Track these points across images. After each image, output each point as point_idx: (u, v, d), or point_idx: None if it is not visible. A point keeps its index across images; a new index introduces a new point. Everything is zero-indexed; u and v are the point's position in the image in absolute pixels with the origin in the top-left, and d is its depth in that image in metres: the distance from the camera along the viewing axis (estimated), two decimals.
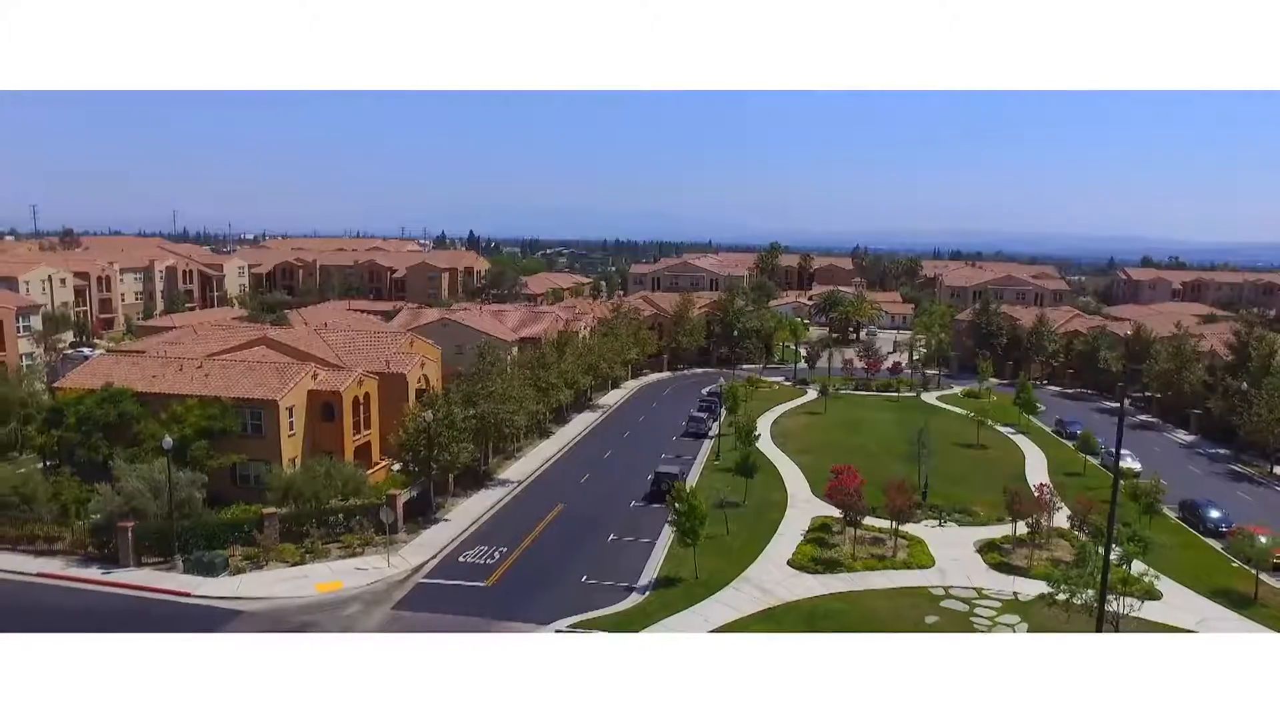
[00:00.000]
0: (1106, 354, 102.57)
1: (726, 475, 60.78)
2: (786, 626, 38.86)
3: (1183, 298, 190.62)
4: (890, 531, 50.24)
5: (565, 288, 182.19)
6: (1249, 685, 10.90)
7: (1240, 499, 62.63)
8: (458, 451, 53.63)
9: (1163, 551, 50.10)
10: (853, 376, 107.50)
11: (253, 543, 45.70)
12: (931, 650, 12.15)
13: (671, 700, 10.97)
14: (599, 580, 44.24)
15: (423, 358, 69.77)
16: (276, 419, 54.07)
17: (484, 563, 46.49)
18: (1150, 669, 11.33)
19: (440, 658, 11.80)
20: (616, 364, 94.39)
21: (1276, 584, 45.70)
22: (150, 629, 37.23)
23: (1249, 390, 72.54)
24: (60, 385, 58.32)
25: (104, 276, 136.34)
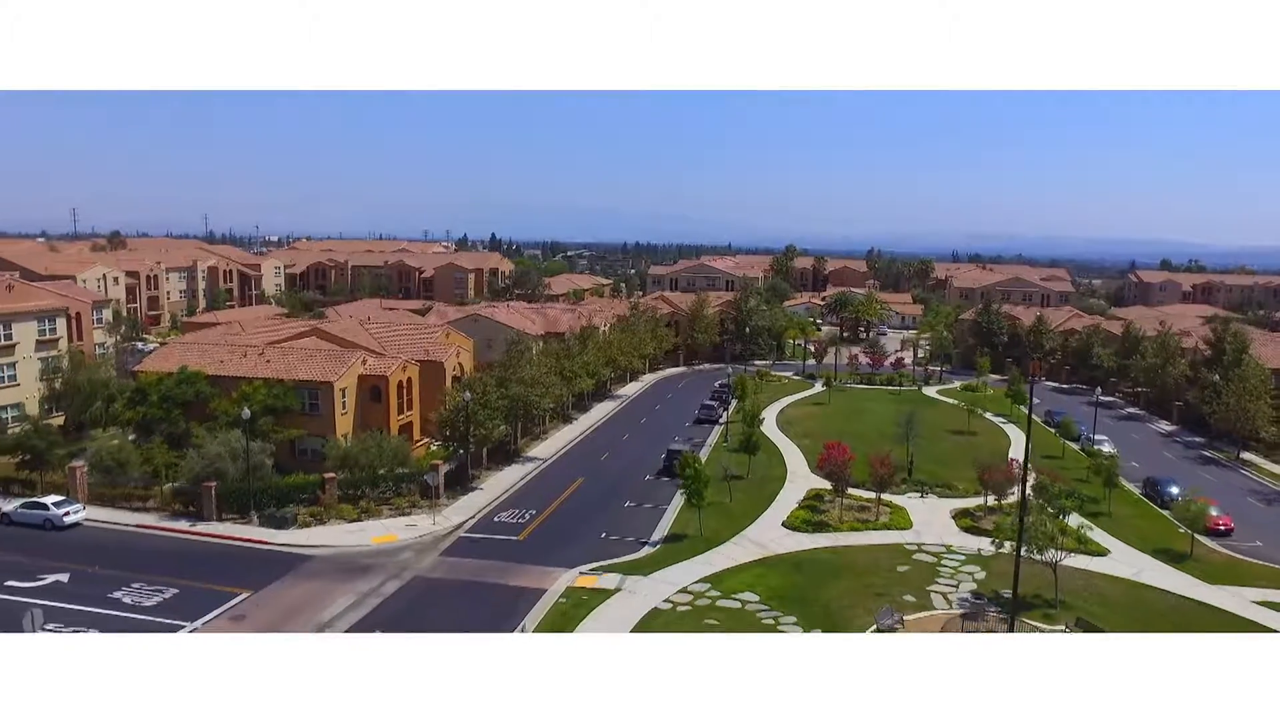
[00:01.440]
0: (1099, 351, 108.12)
1: (733, 454, 67.21)
2: (777, 570, 45.44)
3: (1193, 300, 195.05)
4: (875, 500, 56.65)
5: (586, 288, 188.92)
6: (1249, 685, 10.86)
7: (1203, 479, 68.38)
8: (491, 428, 60.54)
9: (1121, 520, 56.53)
10: (857, 371, 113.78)
11: (316, 503, 52.70)
12: (931, 650, 12.03)
13: (671, 700, 10.93)
14: (616, 536, 50.90)
15: (458, 348, 76.81)
16: (331, 399, 61.15)
17: (516, 521, 53.31)
18: (1150, 669, 11.32)
19: (440, 658, 11.72)
20: (634, 357, 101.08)
21: (1211, 544, 51.76)
22: (237, 571, 44.36)
23: (1219, 382, 78.25)
24: (140, 369, 65.67)
25: (152, 275, 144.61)
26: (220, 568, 44.64)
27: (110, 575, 42.65)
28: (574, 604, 40.77)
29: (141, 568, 43.98)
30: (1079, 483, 62.05)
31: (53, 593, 40.40)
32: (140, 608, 39.65)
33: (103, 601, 39.70)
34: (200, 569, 44.29)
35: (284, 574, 44.06)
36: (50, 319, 73.74)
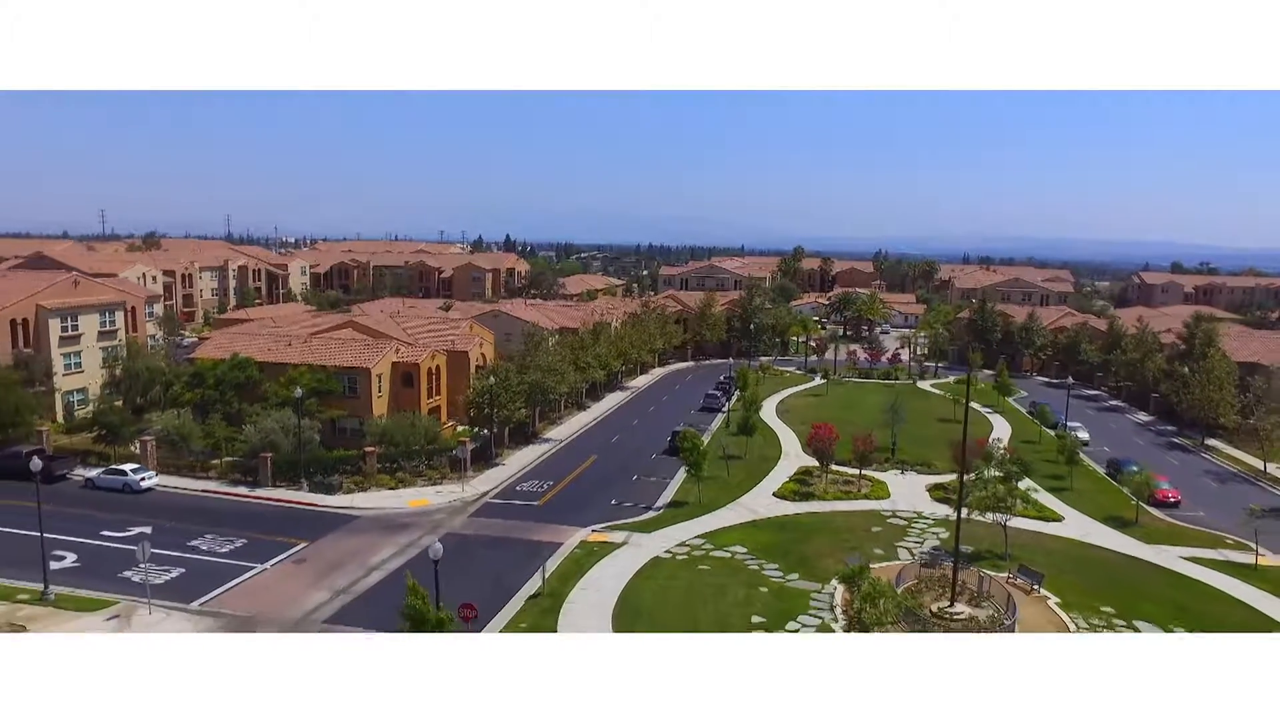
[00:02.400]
0: (1086, 347, 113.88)
1: (732, 437, 73.49)
2: (764, 530, 51.85)
3: (1195, 301, 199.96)
4: (857, 475, 62.92)
5: (600, 288, 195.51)
6: (1249, 685, 10.82)
7: (1167, 461, 74.28)
8: (513, 410, 67.14)
9: (1082, 493, 62.66)
10: (856, 366, 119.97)
11: (358, 473, 59.35)
12: (931, 650, 12.00)
13: (670, 700, 10.92)
14: (624, 503, 57.35)
15: (481, 340, 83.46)
16: (369, 383, 67.82)
17: (535, 490, 59.86)
18: (1150, 669, 11.25)
19: (439, 658, 11.72)
20: (644, 351, 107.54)
21: (1157, 514, 57.79)
22: (294, 526, 51.04)
23: (1188, 374, 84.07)
24: (194, 356, 72.59)
25: (187, 274, 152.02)
26: (279, 524, 51.38)
27: (186, 528, 49.37)
28: (587, 554, 47.27)
29: (212, 523, 50.73)
30: (1047, 463, 68.19)
31: (145, 539, 47.07)
32: (216, 553, 46.38)
33: (184, 548, 46.42)
34: (262, 525, 51.05)
35: (334, 529, 50.75)
36: (110, 312, 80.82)
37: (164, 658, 11.59)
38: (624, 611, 39.91)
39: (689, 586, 43.06)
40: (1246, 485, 67.82)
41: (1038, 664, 11.52)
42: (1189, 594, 44.23)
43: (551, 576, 43.56)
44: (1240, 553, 50.14)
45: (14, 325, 72.14)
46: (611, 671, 11.38)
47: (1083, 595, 43.17)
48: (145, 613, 38.60)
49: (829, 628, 38.29)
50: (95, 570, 43.50)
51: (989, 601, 40.45)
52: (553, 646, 12.60)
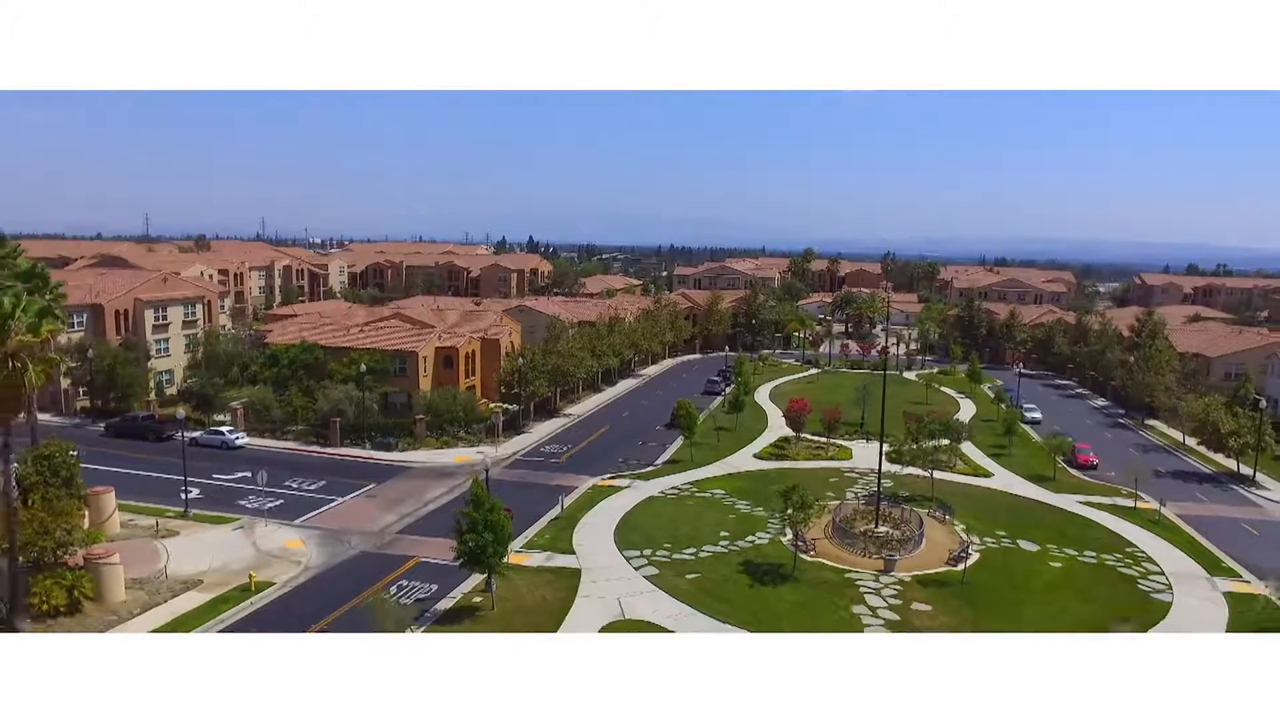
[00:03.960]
0: (1059, 340, 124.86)
1: (725, 415, 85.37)
2: (741, 480, 63.83)
3: (1193, 302, 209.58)
4: (826, 442, 74.77)
5: (619, 288, 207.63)
6: (1248, 685, 10.80)
7: (1104, 436, 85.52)
8: (539, 387, 79.46)
9: (1017, 458, 74.02)
10: (849, 359, 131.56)
11: (410, 435, 71.82)
12: (930, 650, 12.07)
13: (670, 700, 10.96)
14: (630, 461, 69.38)
15: (510, 330, 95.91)
16: (417, 364, 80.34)
17: (556, 451, 72.15)
18: (1149, 669, 11.28)
19: (439, 657, 11.76)
20: (655, 343, 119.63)
21: (1074, 473, 69.25)
22: (362, 473, 63.46)
23: (1133, 362, 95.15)
24: (267, 342, 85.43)
25: (238, 273, 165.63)
26: (350, 472, 63.93)
27: (277, 474, 61.90)
28: (596, 493, 59.45)
29: (296, 470, 63.30)
30: (997, 435, 79.65)
31: (244, 482, 59.71)
32: (305, 490, 58.94)
33: (280, 486, 58.89)
34: (337, 472, 63.63)
35: (395, 476, 63.24)
36: (192, 305, 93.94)
37: (163, 658, 11.43)
38: (622, 528, 52.07)
39: (674, 513, 55.25)
40: (1165, 454, 79.00)
41: (1038, 664, 11.45)
42: (1070, 524, 55.81)
43: (569, 506, 55.85)
44: (1129, 500, 61.52)
45: (117, 315, 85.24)
46: (611, 671, 11.29)
47: (984, 523, 54.92)
48: (263, 525, 51.18)
49: (779, 541, 50.22)
50: (216, 500, 56.12)
51: (905, 525, 52.19)
52: (553, 646, 12.55)
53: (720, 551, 48.85)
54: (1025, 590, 44.59)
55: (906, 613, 41.15)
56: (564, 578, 44.39)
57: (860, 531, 50.85)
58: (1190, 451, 79.26)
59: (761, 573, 45.55)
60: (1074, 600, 43.54)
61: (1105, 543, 52.58)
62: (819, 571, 46.10)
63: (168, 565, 44.04)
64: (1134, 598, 44.21)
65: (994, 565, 48.04)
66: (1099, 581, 46.23)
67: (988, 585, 45.02)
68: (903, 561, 47.21)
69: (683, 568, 46.08)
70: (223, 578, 43.18)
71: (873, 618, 40.50)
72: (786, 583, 44.30)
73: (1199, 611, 42.47)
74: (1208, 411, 71.53)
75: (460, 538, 38.89)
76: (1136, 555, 50.35)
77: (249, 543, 48.51)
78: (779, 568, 46.13)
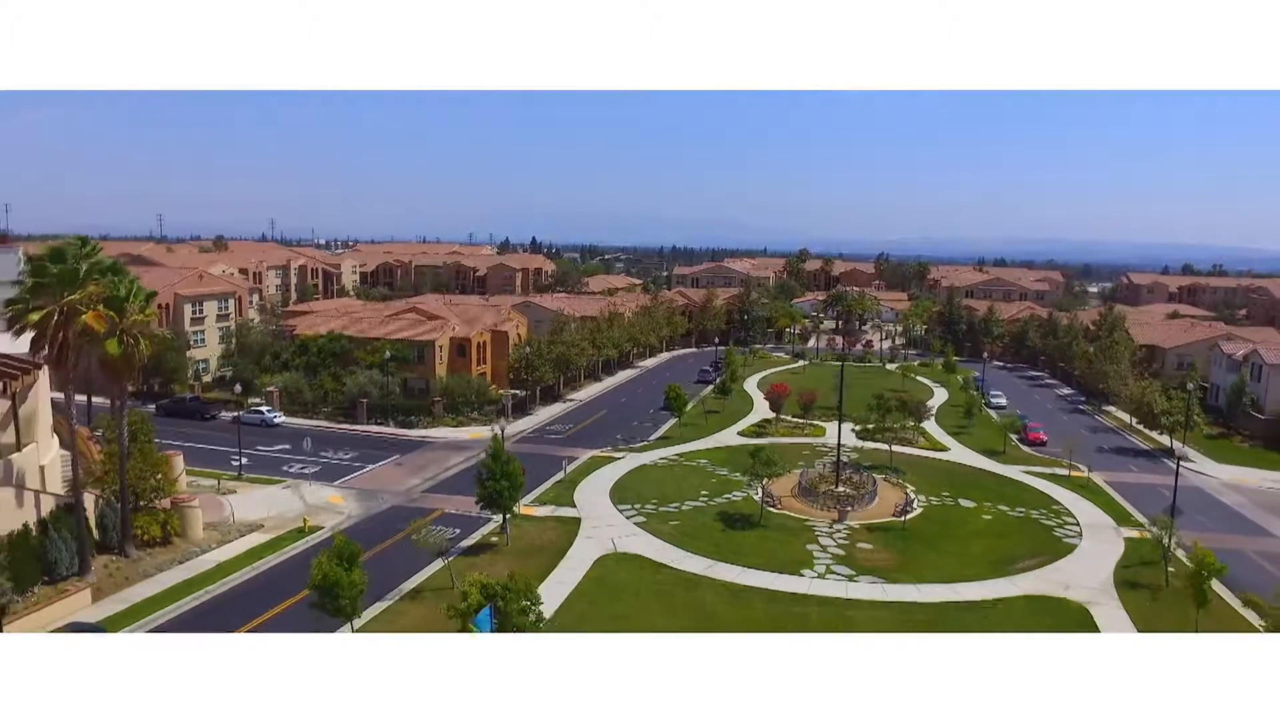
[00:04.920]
0: (1031, 335, 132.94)
1: (714, 399, 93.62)
2: (725, 452, 71.96)
3: (1178, 300, 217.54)
4: (804, 422, 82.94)
5: (620, 287, 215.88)
6: (1248, 685, 10.80)
7: (1060, 419, 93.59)
8: (544, 373, 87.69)
9: (977, 436, 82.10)
10: (835, 352, 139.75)
11: (429, 414, 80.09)
12: (929, 650, 11.99)
13: (670, 700, 10.96)
14: (625, 437, 77.58)
15: (517, 323, 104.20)
16: (434, 353, 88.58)
17: (559, 430, 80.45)
18: (1149, 669, 11.25)
19: (438, 658, 11.73)
20: (653, 337, 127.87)
21: (1025, 449, 77.35)
22: (388, 446, 71.70)
23: (1092, 353, 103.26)
24: (297, 333, 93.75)
25: (257, 272, 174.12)
26: (377, 444, 72.22)
27: (313, 447, 70.16)
28: (595, 462, 67.65)
29: (329, 444, 71.56)
30: (961, 418, 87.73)
31: (284, 453, 67.94)
32: (340, 459, 67.22)
33: (317, 456, 67.12)
34: (365, 445, 71.93)
35: (418, 448, 71.53)
36: (225, 300, 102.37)
37: (161, 658, 11.39)
38: (617, 489, 60.31)
39: (662, 477, 63.54)
40: (1112, 434, 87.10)
41: (1038, 664, 11.43)
42: (1008, 488, 63.95)
43: (571, 472, 64.12)
44: (1068, 470, 69.57)
45: (159, 309, 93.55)
46: (611, 671, 11.30)
47: (931, 486, 63.09)
48: (307, 485, 59.46)
49: (751, 498, 58.37)
50: (263, 467, 64.37)
51: (862, 487, 60.32)
52: (552, 646, 12.56)
53: (700, 506, 57.11)
54: (954, 534, 52.81)
55: (851, 549, 49.39)
56: (567, 524, 52.63)
57: (822, 491, 59.02)
58: (1135, 432, 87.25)
59: (733, 520, 53.83)
60: (994, 541, 51.72)
61: (1034, 501, 60.70)
62: (783, 520, 54.36)
63: (233, 513, 52.34)
64: (1047, 540, 52.36)
65: (933, 517, 56.24)
66: (1020, 529, 54.41)
67: (923, 530, 53.24)
68: (855, 514, 55.44)
69: (667, 517, 54.33)
70: (279, 523, 51.46)
71: (822, 552, 48.73)
72: (754, 528, 52.56)
73: (1098, 551, 50.58)
74: (1144, 394, 79.61)
75: (481, 484, 47.16)
76: (1059, 511, 58.51)
77: (297, 498, 56.81)
78: (749, 517, 54.38)
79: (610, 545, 49.07)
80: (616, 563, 46.54)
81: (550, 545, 49.05)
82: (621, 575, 44.80)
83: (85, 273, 38.59)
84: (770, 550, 48.80)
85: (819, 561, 47.53)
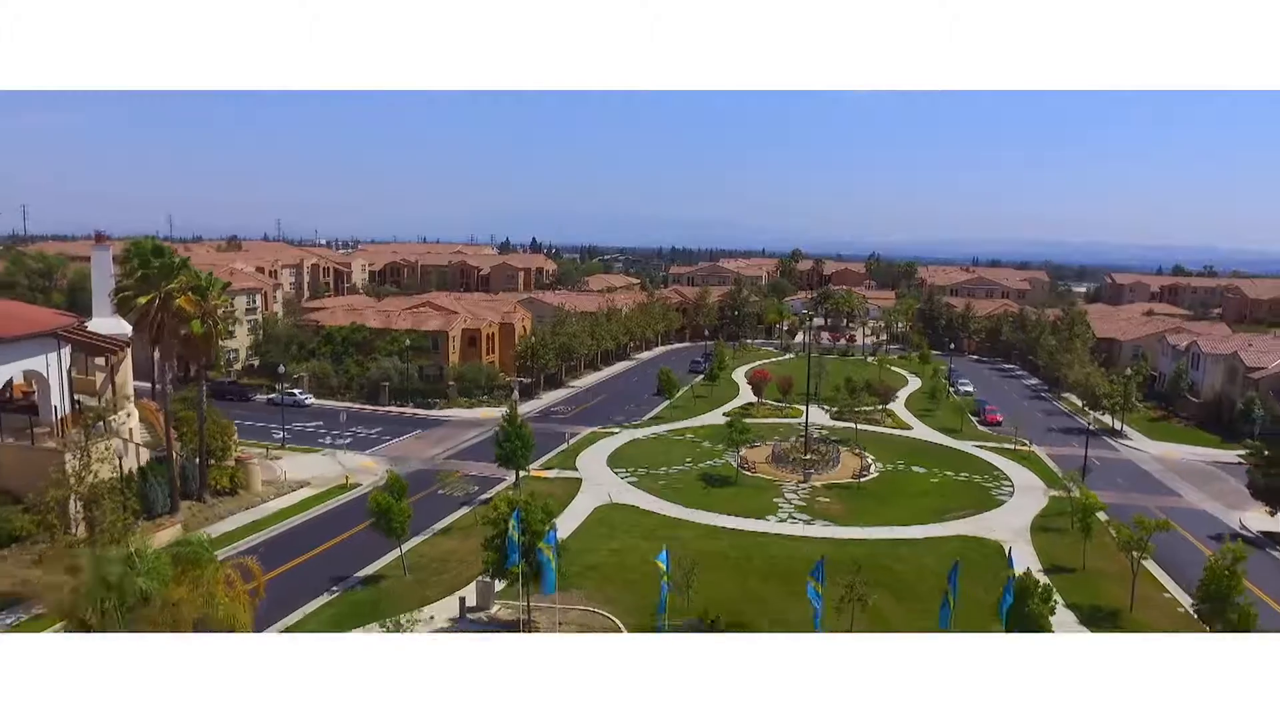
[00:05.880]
0: (1005, 330, 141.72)
1: (702, 385, 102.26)
2: (709, 429, 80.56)
3: (1159, 299, 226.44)
4: (784, 404, 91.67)
5: (618, 286, 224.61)
6: (1248, 684, 10.85)
7: (1021, 404, 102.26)
8: (548, 361, 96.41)
9: (940, 417, 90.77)
10: (820, 346, 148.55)
11: (444, 397, 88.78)
12: (928, 650, 12.07)
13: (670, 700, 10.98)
14: (621, 417, 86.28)
15: (523, 316, 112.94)
16: (447, 342, 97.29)
17: (563, 411, 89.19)
18: (1148, 669, 11.28)
19: (437, 658, 11.78)
20: (648, 330, 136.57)
21: (980, 428, 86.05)
22: (409, 424, 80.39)
23: (1054, 345, 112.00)
24: (320, 324, 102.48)
25: (273, 270, 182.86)
26: (400, 422, 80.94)
27: (344, 423, 78.78)
28: (594, 437, 76.35)
29: (357, 421, 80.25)
30: (928, 401, 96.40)
31: (318, 429, 76.61)
32: (368, 433, 75.91)
33: (347, 431, 75.80)
34: (389, 422, 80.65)
35: (436, 425, 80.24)
36: (253, 295, 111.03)
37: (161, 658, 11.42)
38: (613, 457, 69.00)
39: (653, 448, 72.31)
40: (1065, 417, 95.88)
41: (1038, 664, 11.49)
42: (957, 458, 72.64)
43: (573, 444, 72.83)
44: (1015, 445, 78.19)
45: None
46: (610, 671, 11.34)
47: (890, 456, 71.78)
48: (342, 453, 68.13)
49: (729, 464, 66.98)
50: (301, 439, 72.97)
51: (825, 454, 68.95)
52: (552, 647, 12.58)
53: (684, 470, 65.84)
54: (903, 493, 61.50)
55: (811, 502, 58.12)
56: (570, 483, 61.32)
57: (791, 458, 67.73)
58: (1085, 415, 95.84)
59: (713, 480, 62.58)
60: (937, 498, 60.39)
61: (979, 469, 69.41)
62: (755, 480, 63.12)
63: (284, 473, 61.03)
64: (983, 498, 61.03)
65: (886, 479, 64.98)
66: (962, 489, 63.11)
67: (876, 489, 62.00)
68: (818, 476, 64.15)
69: (656, 478, 63.04)
70: (323, 481, 60.10)
71: (785, 504, 57.46)
72: (730, 486, 61.32)
73: (1024, 506, 59.24)
74: (1089, 379, 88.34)
75: (499, 445, 55.87)
76: (999, 476, 67.21)
77: (335, 463, 65.50)
78: (726, 478, 63.13)
79: (607, 498, 57.81)
80: (612, 510, 55.29)
81: (557, 498, 57.46)
82: (616, 518, 53.56)
83: (178, 266, 47.25)
84: (742, 502, 57.53)
85: (782, 510, 56.22)
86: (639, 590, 41.06)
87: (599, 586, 42.59)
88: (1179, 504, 62.39)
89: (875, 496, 60.45)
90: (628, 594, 41.46)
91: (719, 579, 42.63)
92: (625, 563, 45.63)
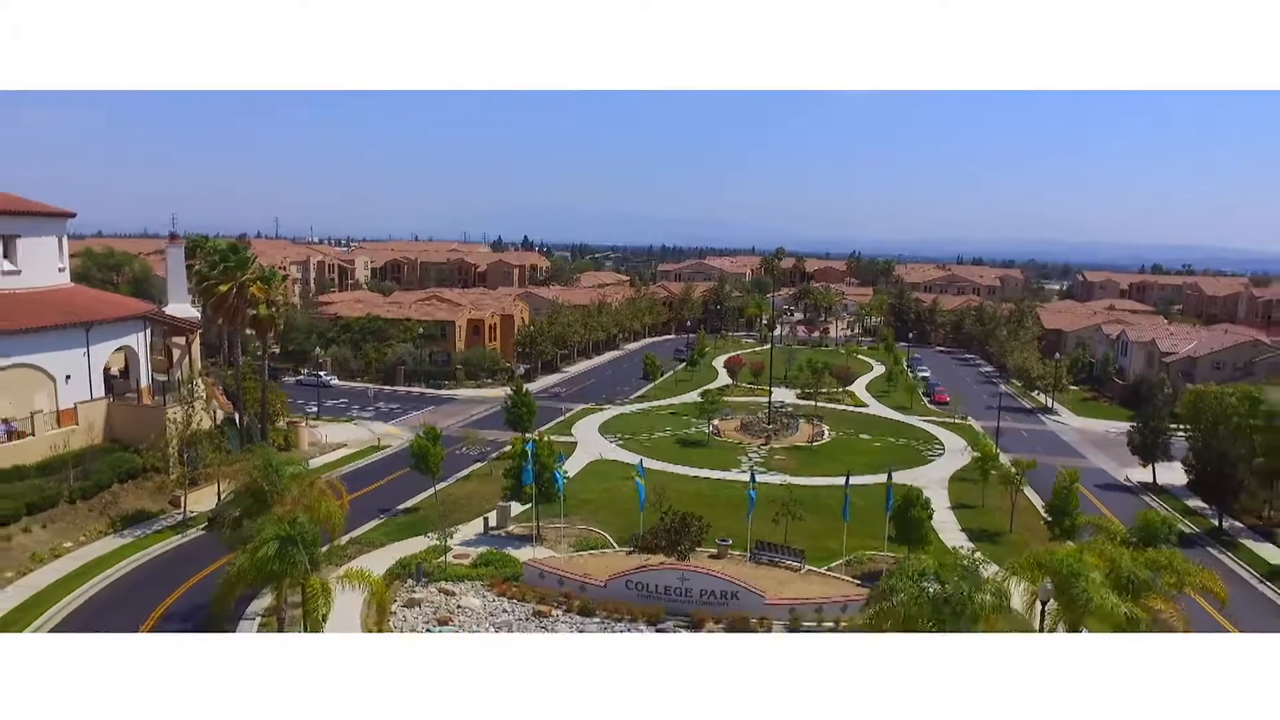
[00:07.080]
0: (968, 323, 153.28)
1: (683, 370, 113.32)
2: (689, 405, 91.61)
3: (1128, 296, 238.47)
4: (755, 386, 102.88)
5: (608, 282, 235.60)
6: (1248, 684, 10.86)
7: (972, 388, 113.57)
8: (545, 348, 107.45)
9: (895, 397, 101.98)
10: (797, 338, 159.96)
11: (453, 378, 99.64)
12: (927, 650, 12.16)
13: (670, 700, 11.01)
14: (610, 397, 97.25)
15: (521, 308, 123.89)
16: (454, 331, 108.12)
17: (559, 392, 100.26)
18: (1148, 669, 11.30)
19: (438, 657, 11.85)
20: (636, 323, 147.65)
21: (929, 406, 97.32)
22: (423, 401, 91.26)
23: (1004, 336, 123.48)
24: (339, 314, 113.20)
25: (281, 267, 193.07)
26: (415, 399, 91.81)
27: (367, 400, 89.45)
28: (586, 411, 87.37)
29: (377, 399, 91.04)
30: (886, 384, 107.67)
31: (342, 404, 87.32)
32: (389, 407, 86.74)
33: (369, 405, 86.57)
34: (405, 399, 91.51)
35: (447, 402, 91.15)
36: None
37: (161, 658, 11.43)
38: (603, 427, 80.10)
39: (638, 420, 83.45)
40: (1007, 398, 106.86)
41: (1037, 663, 11.55)
42: (901, 428, 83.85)
43: (568, 416, 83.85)
44: (954, 419, 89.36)
45: None
46: (610, 671, 11.38)
47: (842, 426, 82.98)
48: (369, 422, 78.96)
49: (702, 431, 77.99)
50: (330, 412, 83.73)
51: (786, 424, 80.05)
52: (552, 646, 12.68)
53: (664, 436, 76.93)
54: (849, 453, 72.62)
55: (770, 459, 69.27)
56: (567, 445, 72.08)
57: (756, 428, 78.85)
58: (1027, 398, 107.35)
59: (688, 443, 73.75)
60: (877, 457, 71.46)
61: (918, 436, 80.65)
62: (724, 443, 74.32)
63: (325, 437, 71.84)
64: (917, 457, 72.20)
65: (837, 443, 76.20)
66: (900, 451, 74.28)
67: (826, 450, 73.25)
68: (778, 440, 75.29)
69: (640, 442, 74.09)
70: (357, 444, 70.91)
71: (748, 460, 68.56)
72: (702, 448, 72.49)
73: (948, 463, 70.41)
74: (1024, 362, 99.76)
75: (508, 411, 66.79)
76: (933, 442, 78.44)
77: (365, 429, 76.34)
78: (700, 442, 74.30)
79: (598, 455, 68.90)
80: (602, 464, 66.41)
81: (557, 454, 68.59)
82: (605, 469, 64.69)
83: (251, 260, 58.07)
84: (712, 458, 68.71)
85: (745, 464, 67.35)
86: (623, 516, 52.04)
87: (592, 513, 53.76)
88: (1082, 464, 73.50)
89: (825, 455, 71.60)
90: (616, 518, 52.50)
91: (688, 506, 53.64)
92: (613, 498, 56.65)
